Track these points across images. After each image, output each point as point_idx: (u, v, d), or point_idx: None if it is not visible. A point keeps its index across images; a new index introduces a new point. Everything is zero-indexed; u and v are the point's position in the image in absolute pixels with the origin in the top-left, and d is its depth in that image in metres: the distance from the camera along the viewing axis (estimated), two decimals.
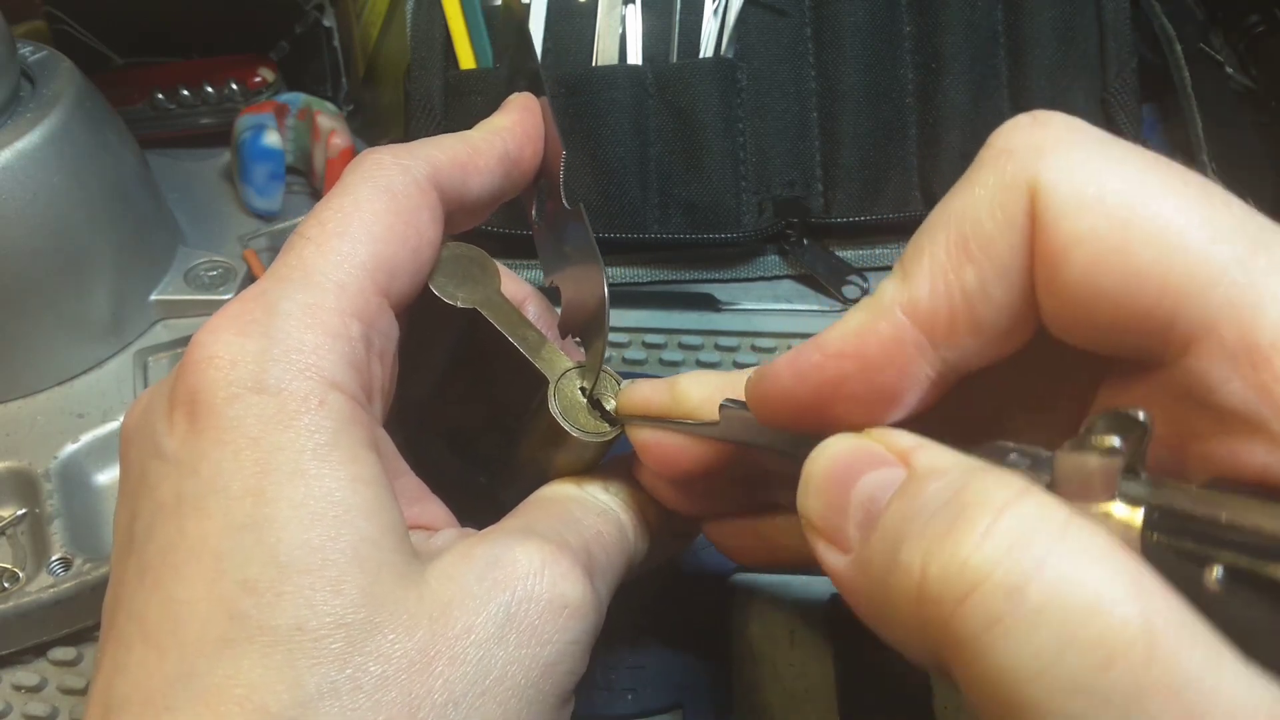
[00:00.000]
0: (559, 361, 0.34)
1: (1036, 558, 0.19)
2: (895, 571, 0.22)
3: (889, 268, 0.63)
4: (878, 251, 0.62)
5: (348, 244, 0.30)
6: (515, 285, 0.38)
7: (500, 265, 0.36)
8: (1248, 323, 0.21)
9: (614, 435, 0.34)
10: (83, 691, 0.44)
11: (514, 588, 0.28)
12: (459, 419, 0.39)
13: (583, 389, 0.34)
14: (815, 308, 0.60)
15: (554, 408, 0.33)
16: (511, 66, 0.41)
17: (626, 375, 0.35)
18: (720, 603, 0.43)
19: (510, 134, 0.36)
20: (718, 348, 0.56)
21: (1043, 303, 0.24)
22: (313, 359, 0.28)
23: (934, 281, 0.24)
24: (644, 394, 0.33)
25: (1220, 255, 0.21)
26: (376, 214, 0.30)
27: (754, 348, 0.56)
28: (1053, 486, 0.22)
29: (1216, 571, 0.19)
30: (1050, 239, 0.23)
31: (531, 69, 0.39)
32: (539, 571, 0.28)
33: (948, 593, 0.20)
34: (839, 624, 0.42)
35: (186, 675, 0.25)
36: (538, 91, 0.37)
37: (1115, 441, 0.21)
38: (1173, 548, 0.21)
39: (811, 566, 0.27)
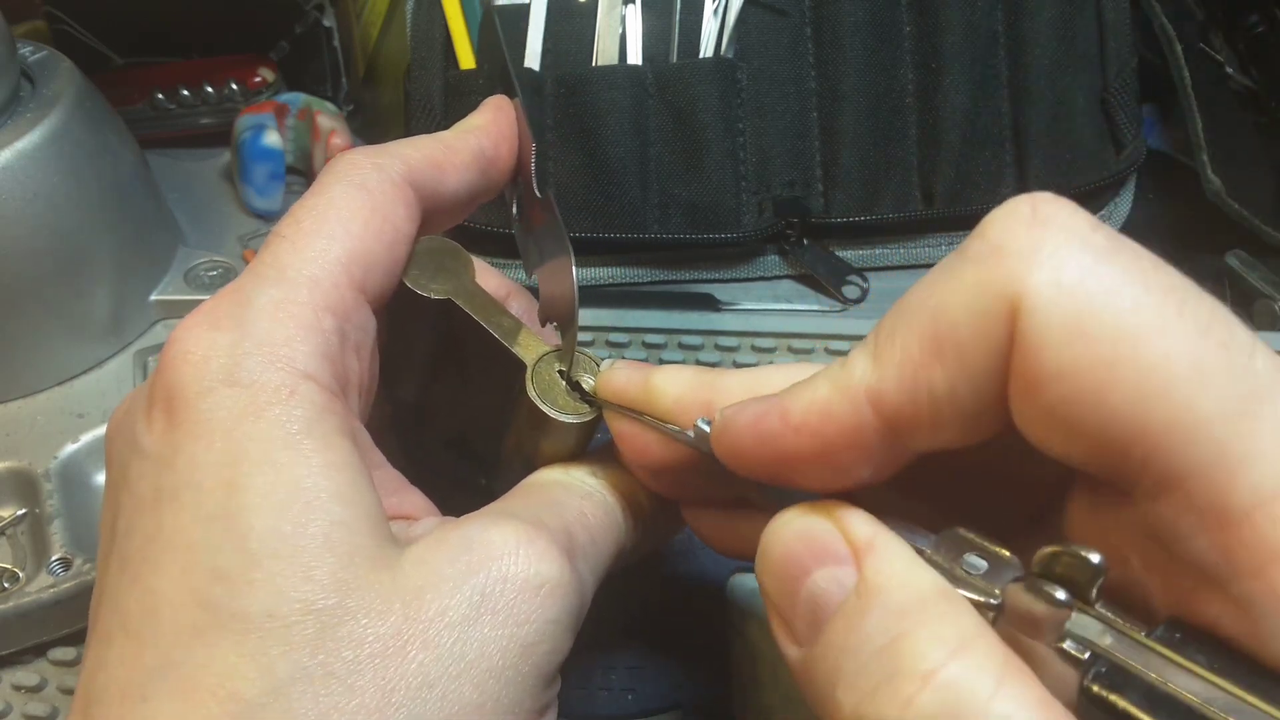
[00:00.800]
0: (536, 346, 0.34)
1: None
2: (832, 701, 0.23)
3: (889, 268, 0.63)
4: (878, 251, 0.62)
5: (322, 240, 0.30)
6: (497, 280, 0.38)
7: (478, 260, 0.36)
8: (1222, 484, 0.20)
9: (593, 416, 0.34)
10: None
11: (488, 568, 0.27)
12: (451, 417, 0.39)
13: (561, 372, 0.34)
14: (815, 308, 0.60)
15: (532, 391, 0.33)
16: (490, 68, 0.42)
17: None
18: (720, 603, 0.43)
19: (484, 132, 0.36)
20: (718, 348, 0.56)
21: (1015, 412, 0.23)
22: (284, 351, 0.28)
23: (902, 376, 0.24)
24: (620, 382, 0.33)
25: (1204, 409, 0.21)
26: (352, 211, 0.31)
27: (754, 348, 0.56)
28: (1001, 612, 0.23)
29: None
30: (1029, 364, 0.22)
31: (503, 70, 0.40)
32: (513, 551, 0.28)
33: None
34: None
35: (163, 665, 0.25)
36: (510, 93, 0.38)
37: (1062, 595, 0.22)
38: (1108, 705, 0.21)
39: None
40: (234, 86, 0.68)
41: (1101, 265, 0.22)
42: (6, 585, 0.45)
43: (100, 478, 0.49)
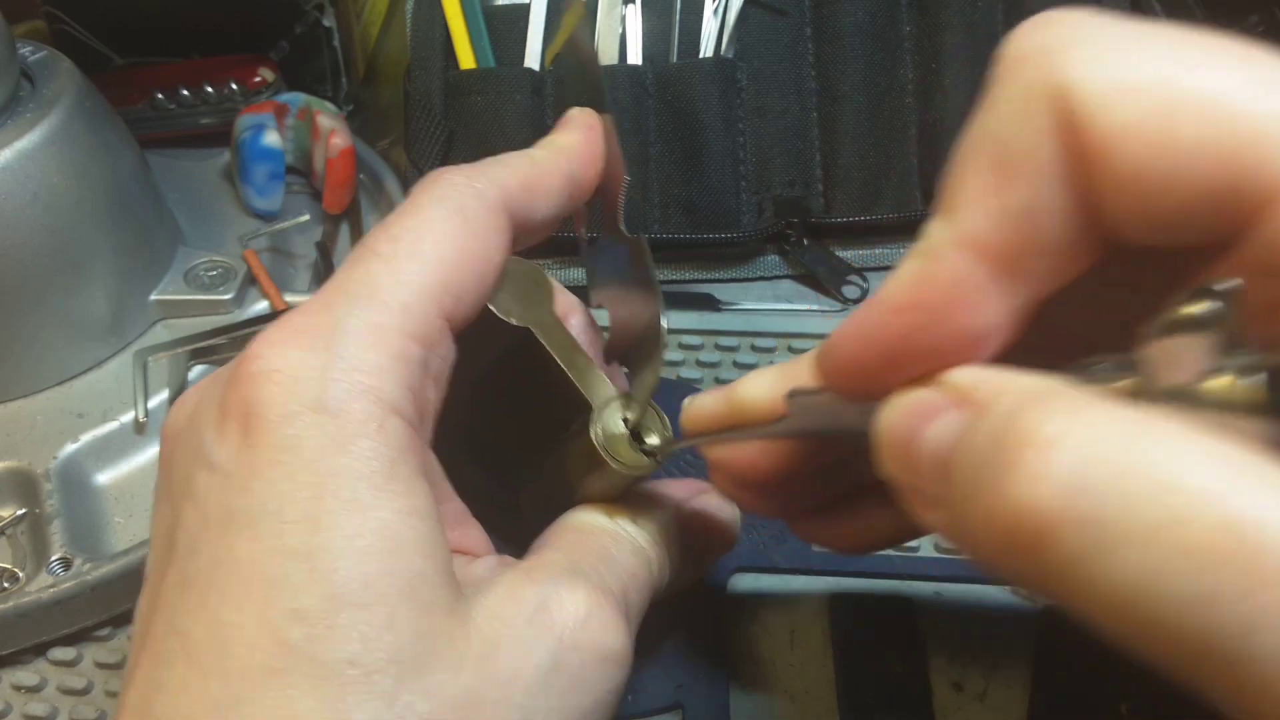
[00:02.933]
0: (603, 389, 0.34)
1: (1104, 482, 0.17)
2: (978, 527, 0.20)
3: (889, 268, 0.63)
4: (878, 251, 0.62)
5: (417, 265, 0.29)
6: (562, 297, 0.37)
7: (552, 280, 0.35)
8: None
9: (650, 471, 0.33)
10: (83, 692, 0.44)
11: (560, 635, 0.28)
12: (486, 430, 0.39)
13: (625, 419, 0.34)
14: (815, 308, 0.60)
15: (596, 437, 0.33)
16: (569, 78, 0.39)
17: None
18: (720, 603, 0.43)
19: (575, 154, 0.34)
20: (718, 348, 0.56)
21: (1101, 203, 0.22)
22: (374, 380, 0.27)
23: (981, 210, 0.22)
24: (705, 409, 0.32)
25: (1272, 109, 0.19)
26: (448, 236, 0.29)
27: (754, 348, 0.56)
28: (1144, 382, 0.20)
29: None
30: (1092, 139, 0.21)
31: (594, 82, 0.37)
32: (585, 620, 0.28)
33: (1020, 542, 0.18)
34: (839, 624, 0.42)
35: (231, 702, 0.24)
36: (599, 107, 0.36)
37: (1204, 307, 0.19)
38: None
39: (910, 537, 0.25)
40: (234, 86, 0.67)
41: (1130, 29, 0.21)
42: (6, 585, 0.45)
43: (100, 478, 0.49)
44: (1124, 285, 0.25)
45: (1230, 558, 0.16)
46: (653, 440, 0.34)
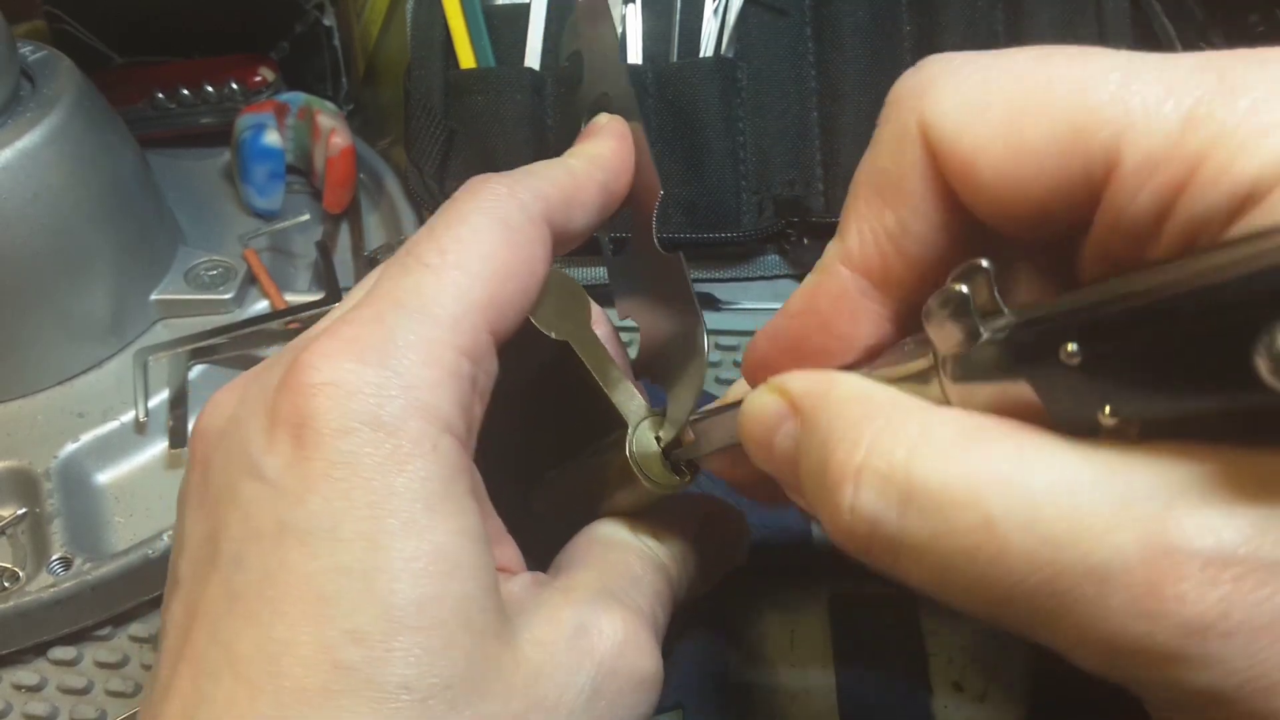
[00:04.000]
0: (636, 405, 0.34)
1: (890, 510, 0.23)
2: (829, 529, 0.25)
3: None
4: None
5: (466, 278, 0.28)
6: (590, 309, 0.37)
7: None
8: (1143, 137, 0.21)
9: (680, 489, 0.33)
10: (83, 691, 0.44)
11: (600, 660, 0.28)
12: (511, 437, 0.39)
13: (658, 438, 0.34)
14: None
15: (632, 455, 0.33)
16: (589, 81, 0.38)
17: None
18: (720, 603, 0.43)
19: (608, 164, 0.34)
20: (718, 347, 0.56)
21: (975, 213, 0.24)
22: (430, 398, 0.26)
23: (861, 232, 0.26)
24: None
25: (1102, 94, 0.21)
26: (494, 248, 0.29)
27: None
28: (935, 355, 0.24)
29: (1070, 346, 0.20)
30: (954, 161, 0.24)
31: (622, 88, 0.36)
32: (622, 646, 0.29)
33: (853, 545, 0.24)
34: (839, 624, 0.42)
35: None
36: (630, 116, 0.35)
37: (960, 287, 0.22)
38: (1031, 344, 0.22)
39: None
40: (234, 86, 0.67)
41: (973, 64, 0.24)
42: (6, 585, 0.45)
43: (101, 478, 0.50)
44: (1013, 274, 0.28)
45: (983, 548, 0.21)
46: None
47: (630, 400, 0.34)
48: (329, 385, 0.26)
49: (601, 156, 0.34)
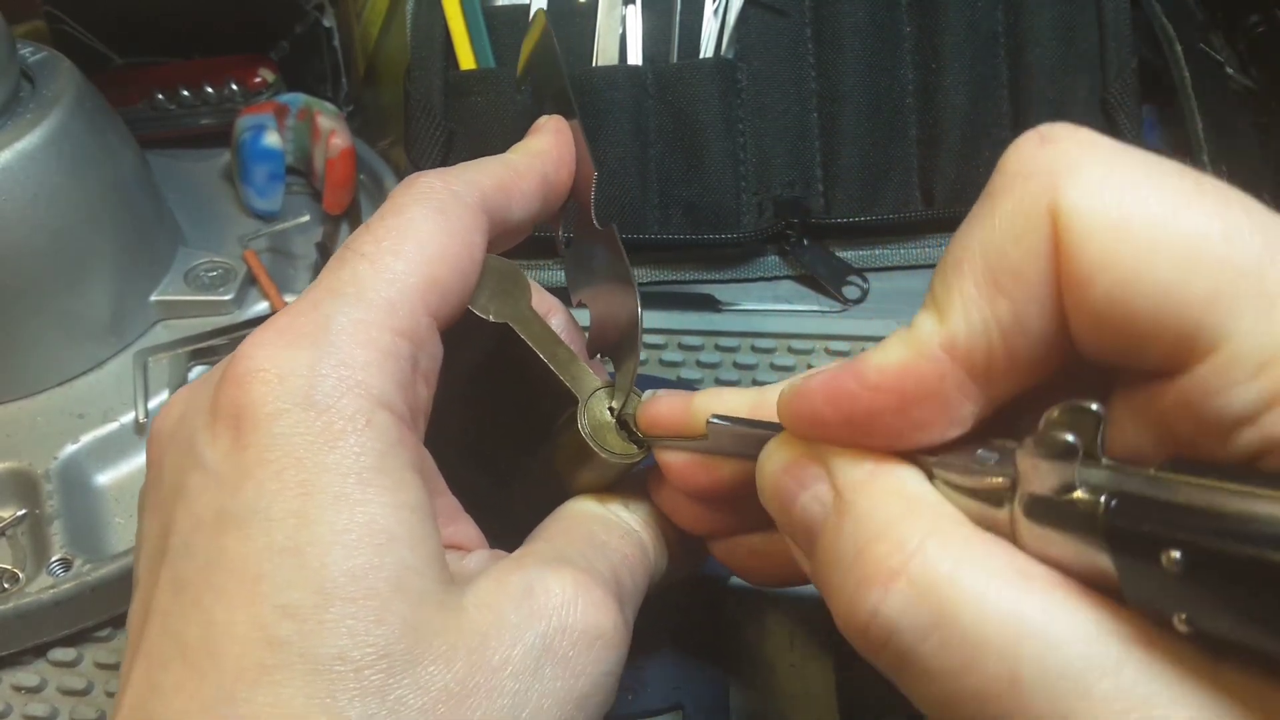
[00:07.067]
0: (588, 380, 0.34)
1: (915, 629, 0.22)
2: (831, 610, 0.25)
3: (889, 268, 0.63)
4: (878, 252, 0.62)
5: (402, 263, 0.29)
6: (540, 297, 0.38)
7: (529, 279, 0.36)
8: (1264, 326, 0.20)
9: (640, 457, 0.34)
10: (83, 692, 0.44)
11: (549, 618, 0.28)
12: (476, 429, 0.39)
13: (611, 409, 0.34)
14: (815, 308, 0.60)
15: (583, 427, 0.33)
16: (539, 86, 0.41)
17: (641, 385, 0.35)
18: (719, 604, 0.43)
19: (547, 156, 0.36)
20: (718, 348, 0.56)
21: (1072, 320, 0.23)
22: (362, 375, 0.27)
23: (969, 318, 0.24)
24: (662, 411, 0.33)
25: (1238, 262, 0.21)
26: (430, 235, 0.30)
27: (754, 348, 0.56)
28: (1017, 482, 0.23)
29: (1175, 554, 0.19)
30: (1077, 265, 0.22)
31: (561, 90, 0.39)
32: (572, 601, 0.28)
33: (865, 641, 0.24)
34: None
35: (225, 700, 0.24)
36: (568, 114, 0.37)
37: (1070, 438, 0.22)
38: (1133, 533, 0.21)
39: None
40: (234, 86, 0.68)
41: (1121, 160, 0.23)
42: (6, 586, 0.45)
43: (101, 478, 0.50)
44: (1058, 387, 0.26)
45: (1000, 701, 0.21)
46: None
47: (582, 375, 0.34)
48: (262, 371, 0.27)
49: (541, 150, 0.36)
